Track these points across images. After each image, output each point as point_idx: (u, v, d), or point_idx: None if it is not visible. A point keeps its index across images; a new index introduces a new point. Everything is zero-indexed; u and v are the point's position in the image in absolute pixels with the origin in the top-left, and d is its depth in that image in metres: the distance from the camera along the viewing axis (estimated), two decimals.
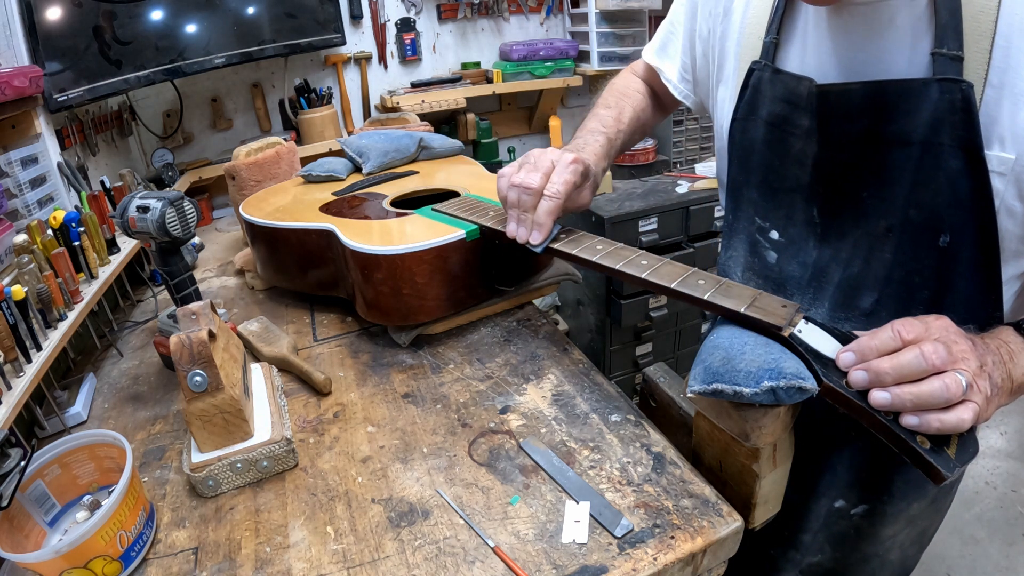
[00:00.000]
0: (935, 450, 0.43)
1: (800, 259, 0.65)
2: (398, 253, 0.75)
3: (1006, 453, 1.93)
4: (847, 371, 0.46)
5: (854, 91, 0.55)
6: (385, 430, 0.69)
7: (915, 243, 0.56)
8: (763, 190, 0.67)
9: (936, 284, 0.56)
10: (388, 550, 0.53)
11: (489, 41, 2.07)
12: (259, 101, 1.80)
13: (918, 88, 0.51)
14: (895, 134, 0.54)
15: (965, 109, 0.50)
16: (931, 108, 0.51)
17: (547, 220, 0.67)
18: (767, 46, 0.64)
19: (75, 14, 1.20)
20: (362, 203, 0.98)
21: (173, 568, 0.54)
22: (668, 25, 0.85)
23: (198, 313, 0.64)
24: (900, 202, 0.55)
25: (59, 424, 0.77)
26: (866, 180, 0.58)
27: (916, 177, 0.54)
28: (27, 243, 0.81)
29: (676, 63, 0.83)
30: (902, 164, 0.54)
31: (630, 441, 0.63)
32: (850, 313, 0.62)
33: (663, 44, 0.86)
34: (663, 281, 0.57)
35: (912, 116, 0.52)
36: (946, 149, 0.51)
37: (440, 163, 1.21)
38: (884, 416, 0.44)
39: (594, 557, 0.51)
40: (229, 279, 1.17)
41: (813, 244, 0.64)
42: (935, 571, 1.58)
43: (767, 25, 0.65)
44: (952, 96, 0.50)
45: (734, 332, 0.53)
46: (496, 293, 0.86)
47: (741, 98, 0.67)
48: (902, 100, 0.53)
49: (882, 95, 0.54)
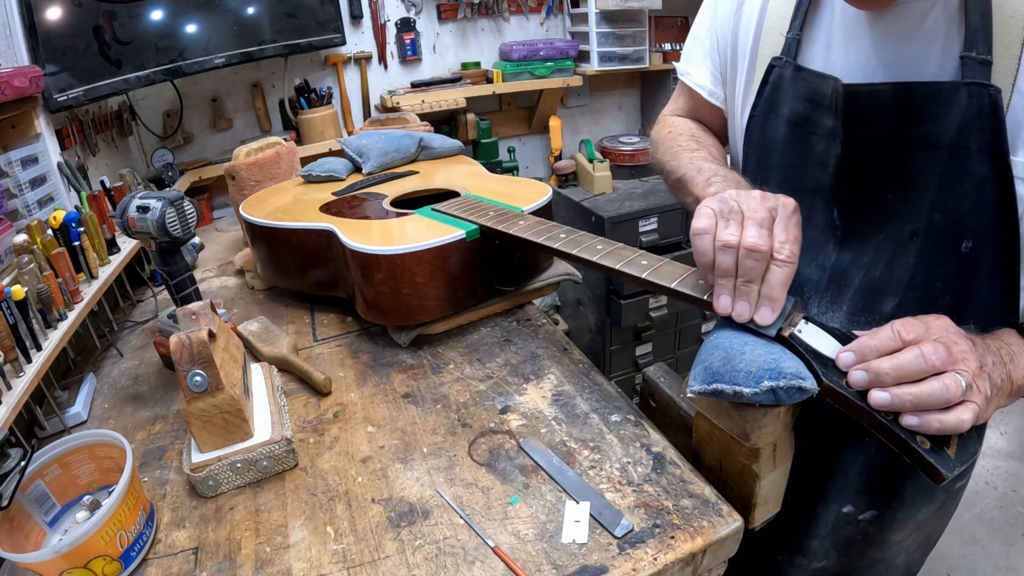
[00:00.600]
0: (935, 450, 0.43)
1: (819, 262, 0.64)
2: (398, 253, 0.75)
3: (1006, 453, 1.93)
4: (847, 371, 0.46)
5: (882, 92, 0.54)
6: (385, 430, 0.69)
7: (939, 248, 0.55)
8: (783, 190, 0.64)
9: (957, 290, 0.56)
10: (388, 550, 0.53)
11: (489, 41, 2.07)
12: (259, 101, 1.80)
13: (947, 91, 0.51)
14: (923, 137, 0.53)
15: (993, 114, 0.49)
16: (960, 112, 0.50)
17: (781, 293, 0.49)
18: (789, 42, 0.63)
19: (75, 14, 1.20)
20: (362, 203, 0.98)
21: (173, 568, 0.54)
22: (694, 31, 0.81)
23: (198, 313, 0.64)
24: (926, 206, 0.54)
25: (59, 424, 0.77)
26: (891, 183, 0.57)
27: (943, 181, 0.53)
28: (27, 243, 0.81)
29: (705, 67, 0.79)
30: (929, 167, 0.53)
31: (630, 441, 0.63)
32: (871, 318, 0.60)
33: (688, 53, 0.82)
34: (663, 281, 0.57)
35: (941, 119, 0.52)
36: (973, 154, 0.51)
37: (440, 163, 1.21)
38: (884, 416, 0.44)
39: (594, 557, 0.51)
40: (229, 279, 1.17)
41: (832, 247, 0.63)
42: (935, 571, 1.58)
43: (790, 20, 0.63)
44: (981, 101, 0.49)
45: (735, 332, 0.53)
46: (496, 293, 0.86)
47: (760, 95, 0.66)
48: (931, 103, 0.52)
49: (911, 97, 0.53)
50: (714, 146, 0.79)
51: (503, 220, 0.78)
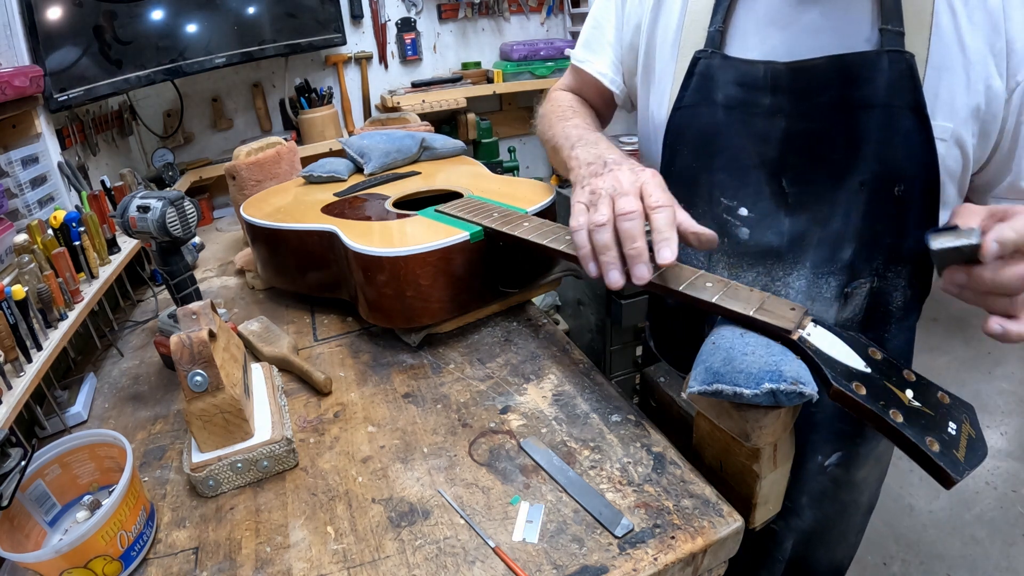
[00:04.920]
0: (944, 453, 0.43)
1: (775, 229, 0.69)
2: (401, 255, 0.75)
3: (1006, 453, 1.93)
4: (855, 374, 0.47)
5: (821, 65, 0.62)
6: (385, 430, 0.69)
7: (880, 194, 0.62)
8: (730, 170, 0.70)
9: (895, 231, 0.63)
10: (388, 550, 0.53)
11: (489, 41, 2.07)
12: (259, 101, 1.80)
13: (873, 58, 0.59)
14: (860, 99, 0.61)
15: (911, 76, 0.58)
16: (885, 76, 0.59)
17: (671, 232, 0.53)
18: (712, 35, 0.69)
19: (76, 14, 1.20)
20: (364, 204, 0.98)
21: (173, 568, 0.54)
22: (592, 22, 0.86)
23: (198, 313, 0.64)
24: (869, 158, 0.62)
25: (59, 424, 0.77)
26: (838, 144, 0.63)
27: (879, 136, 0.61)
28: (27, 243, 0.81)
29: (606, 56, 0.85)
30: (868, 125, 0.61)
31: (630, 441, 0.63)
32: (833, 267, 0.66)
33: (587, 42, 0.87)
34: (671, 284, 0.57)
35: (872, 83, 0.60)
36: (899, 111, 0.59)
37: (442, 163, 1.21)
38: (893, 419, 0.44)
39: (594, 557, 0.51)
40: (229, 279, 1.18)
41: (784, 213, 0.69)
42: (935, 571, 1.58)
43: (711, 16, 0.69)
44: (900, 66, 0.58)
45: (735, 332, 0.53)
46: (501, 295, 0.86)
47: (686, 87, 0.70)
48: (863, 69, 0.60)
49: (846, 66, 0.61)
50: (589, 115, 0.85)
51: (507, 222, 0.77)
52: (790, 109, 0.64)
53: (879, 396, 0.45)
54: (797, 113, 0.64)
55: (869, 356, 0.49)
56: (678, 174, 0.73)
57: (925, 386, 0.47)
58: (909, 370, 0.48)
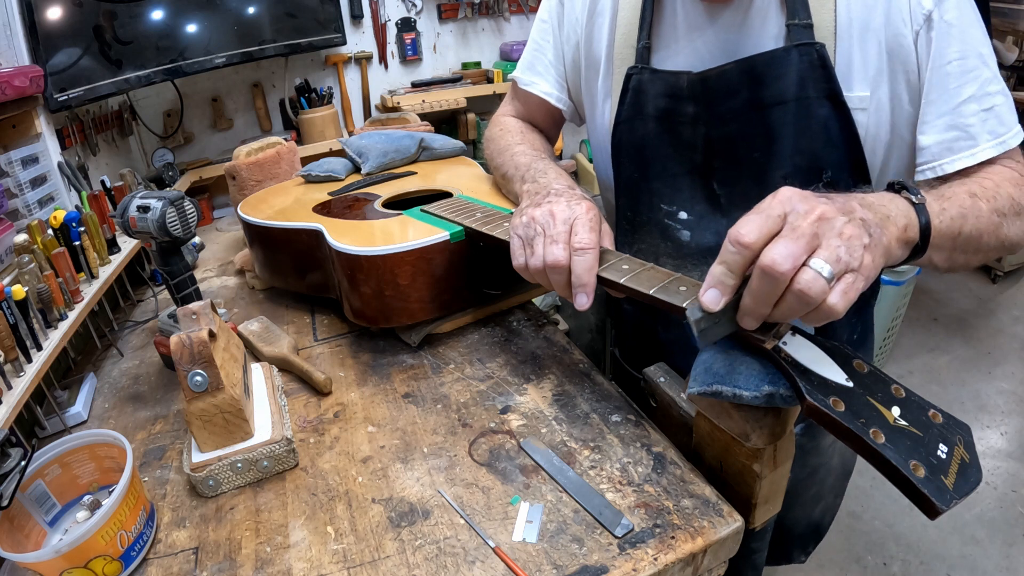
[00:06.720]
0: (930, 479, 0.39)
1: (712, 229, 0.72)
2: (379, 254, 0.74)
3: (1006, 453, 1.93)
4: (833, 388, 0.44)
5: (729, 70, 0.64)
6: (385, 430, 0.69)
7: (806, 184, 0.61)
8: (664, 178, 0.73)
9: None
10: (388, 550, 0.53)
11: (489, 41, 2.07)
12: (259, 101, 1.80)
13: (781, 56, 0.61)
14: (772, 97, 0.63)
15: (822, 65, 0.60)
16: (795, 69, 0.61)
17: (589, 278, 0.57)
18: (640, 51, 0.71)
19: (76, 14, 1.20)
20: (355, 203, 0.97)
21: (173, 568, 0.54)
22: (532, 44, 0.89)
23: (198, 313, 0.64)
24: (788, 152, 0.64)
25: (59, 424, 0.77)
26: (756, 143, 0.66)
27: (796, 128, 0.63)
28: (27, 243, 0.81)
29: (550, 76, 0.88)
30: (783, 120, 0.63)
31: (630, 441, 0.63)
32: None
33: (531, 64, 0.89)
34: (642, 287, 0.54)
35: (782, 79, 0.62)
36: (814, 100, 0.61)
37: (440, 164, 1.21)
38: (874, 441, 0.40)
39: (594, 557, 0.51)
40: (229, 279, 1.18)
41: (720, 214, 0.72)
42: (935, 571, 1.58)
43: (637, 32, 0.72)
44: (810, 57, 0.60)
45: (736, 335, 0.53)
46: (484, 297, 0.85)
47: (623, 103, 0.73)
48: (771, 68, 0.62)
49: (754, 68, 0.63)
50: (538, 140, 0.90)
51: (488, 222, 0.76)
52: (707, 116, 0.67)
53: (859, 413, 0.42)
54: (714, 119, 0.67)
55: (853, 369, 0.45)
56: (624, 184, 0.77)
57: (915, 403, 0.44)
58: (898, 385, 0.44)
